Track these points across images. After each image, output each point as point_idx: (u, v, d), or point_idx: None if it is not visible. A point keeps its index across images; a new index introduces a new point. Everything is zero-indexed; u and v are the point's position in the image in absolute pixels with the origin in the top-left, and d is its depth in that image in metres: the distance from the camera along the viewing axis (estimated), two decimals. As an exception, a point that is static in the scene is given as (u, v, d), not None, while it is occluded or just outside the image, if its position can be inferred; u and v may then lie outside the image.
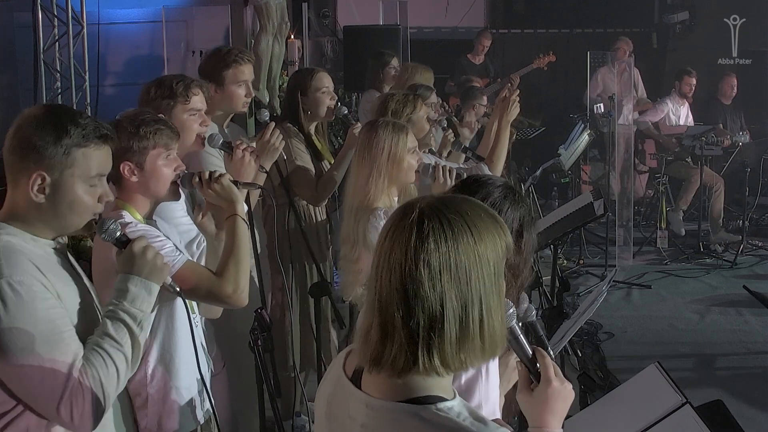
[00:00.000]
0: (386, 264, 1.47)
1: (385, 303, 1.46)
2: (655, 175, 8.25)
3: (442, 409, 1.45)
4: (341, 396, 1.60)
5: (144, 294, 2.02)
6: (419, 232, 1.45)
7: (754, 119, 8.93)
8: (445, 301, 1.43)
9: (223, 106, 3.74)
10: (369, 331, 1.49)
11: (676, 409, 2.22)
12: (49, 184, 1.92)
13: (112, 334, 1.94)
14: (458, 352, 1.44)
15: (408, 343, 1.44)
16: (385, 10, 9.29)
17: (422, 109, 4.00)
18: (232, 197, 2.66)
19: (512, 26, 10.90)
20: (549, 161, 7.06)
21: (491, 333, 1.47)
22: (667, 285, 6.87)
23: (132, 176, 2.52)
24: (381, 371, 1.47)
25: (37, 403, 1.87)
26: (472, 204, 1.52)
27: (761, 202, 8.46)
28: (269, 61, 6.16)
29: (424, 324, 1.43)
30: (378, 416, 1.50)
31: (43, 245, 1.97)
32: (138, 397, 2.56)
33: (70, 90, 7.34)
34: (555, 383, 1.63)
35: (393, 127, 3.26)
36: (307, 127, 4.13)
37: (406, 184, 3.39)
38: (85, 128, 1.94)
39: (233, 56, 3.72)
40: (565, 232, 4.99)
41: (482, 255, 1.46)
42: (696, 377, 5.13)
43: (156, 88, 3.08)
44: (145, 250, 2.06)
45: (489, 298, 1.46)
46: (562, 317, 4.03)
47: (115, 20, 8.30)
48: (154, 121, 2.56)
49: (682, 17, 10.25)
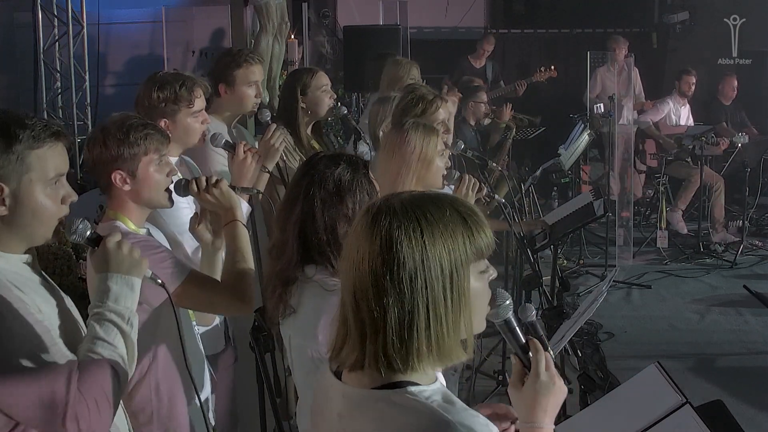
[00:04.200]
0: (345, 258, 1.49)
1: (344, 297, 1.49)
2: (654, 175, 8.25)
3: (412, 392, 1.45)
4: (324, 389, 1.62)
5: (127, 291, 1.92)
6: (369, 231, 1.45)
7: (754, 119, 8.93)
8: (387, 305, 1.42)
9: (233, 107, 3.74)
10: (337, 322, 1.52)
11: (676, 409, 2.22)
12: (8, 195, 1.81)
13: (102, 336, 1.84)
14: (403, 356, 1.43)
15: (359, 339, 1.46)
16: (385, 10, 9.29)
17: (439, 110, 3.94)
18: (231, 203, 2.62)
19: (512, 26, 10.89)
20: (549, 161, 7.05)
21: (440, 341, 1.44)
22: (667, 285, 6.86)
23: (124, 185, 2.45)
24: (341, 362, 1.50)
25: (41, 424, 1.78)
26: (439, 203, 1.47)
27: (761, 202, 8.46)
28: (269, 61, 6.16)
29: (368, 324, 1.44)
30: (351, 404, 1.50)
31: (15, 262, 1.87)
32: (142, 413, 2.51)
33: (70, 90, 7.34)
34: (543, 377, 1.60)
35: (424, 128, 3.22)
36: (303, 128, 4.12)
37: (433, 187, 3.35)
38: (33, 129, 1.81)
39: (244, 56, 3.73)
40: (565, 233, 4.99)
41: (431, 260, 1.42)
42: (696, 377, 5.13)
43: (159, 92, 3.02)
44: (119, 245, 1.95)
45: (438, 305, 1.43)
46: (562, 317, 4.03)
47: (115, 20, 8.30)
48: (143, 126, 2.48)
49: (682, 17, 10.24)
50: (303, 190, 2.22)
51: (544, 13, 10.83)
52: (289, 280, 2.21)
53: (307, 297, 2.20)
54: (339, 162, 2.26)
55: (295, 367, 2.26)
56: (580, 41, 10.33)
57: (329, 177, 2.22)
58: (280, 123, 4.08)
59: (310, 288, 2.20)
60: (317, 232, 2.19)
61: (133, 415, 2.51)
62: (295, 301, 2.21)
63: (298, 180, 2.27)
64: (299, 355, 2.23)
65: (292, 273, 2.21)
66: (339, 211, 2.20)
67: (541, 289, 4.28)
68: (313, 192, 2.20)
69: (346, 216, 2.20)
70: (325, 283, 2.17)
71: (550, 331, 3.63)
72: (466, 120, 6.97)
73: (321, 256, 2.19)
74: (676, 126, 8.48)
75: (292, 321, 2.23)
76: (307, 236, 2.20)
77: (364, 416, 1.47)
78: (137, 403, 2.51)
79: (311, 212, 2.19)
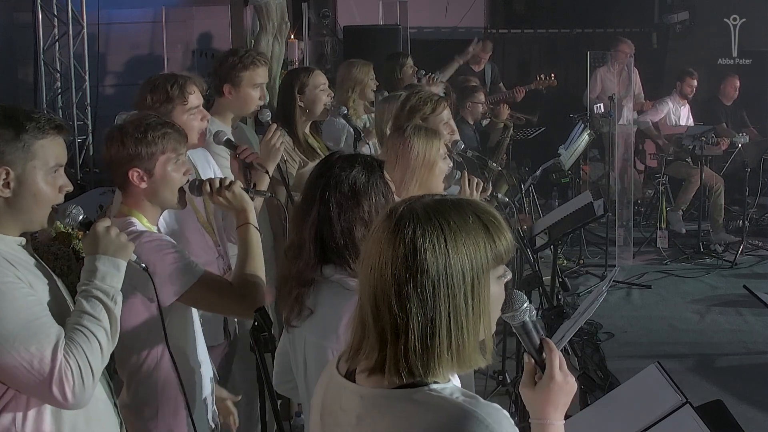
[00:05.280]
0: (365, 262, 1.49)
1: (363, 300, 1.49)
2: (654, 175, 8.25)
3: (435, 389, 1.46)
4: (333, 391, 1.61)
5: (113, 271, 2.06)
6: (392, 237, 1.45)
7: (754, 119, 8.93)
8: (410, 311, 1.42)
9: (235, 108, 3.72)
10: (353, 325, 1.53)
11: (676, 409, 2.22)
12: (13, 179, 2.00)
13: (89, 311, 1.99)
14: (424, 362, 1.44)
15: (378, 343, 1.46)
16: (385, 10, 9.29)
17: (443, 112, 3.95)
18: (244, 205, 2.63)
19: (512, 26, 10.89)
20: (549, 161, 7.06)
21: (460, 348, 1.45)
22: (667, 285, 6.87)
23: (141, 183, 2.48)
24: (359, 364, 1.50)
25: (29, 390, 1.93)
26: (461, 210, 1.48)
27: (761, 202, 8.46)
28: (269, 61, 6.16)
29: (389, 329, 1.44)
30: (371, 404, 1.50)
31: (9, 242, 2.03)
32: (147, 408, 2.53)
33: (70, 90, 7.35)
34: (558, 378, 1.62)
35: (426, 132, 3.22)
36: (301, 128, 4.11)
37: (435, 190, 3.35)
38: (39, 121, 2.02)
39: (251, 58, 3.70)
40: (565, 233, 4.99)
41: (454, 268, 1.43)
42: (696, 377, 5.13)
43: (151, 94, 3.04)
44: (108, 230, 2.09)
45: (459, 312, 1.44)
46: (562, 317, 4.03)
47: (115, 20, 8.29)
48: (161, 125, 2.52)
49: (682, 17, 10.24)
50: (319, 193, 2.20)
51: (544, 13, 10.82)
52: (306, 282, 2.20)
53: (327, 297, 2.19)
54: (354, 164, 2.23)
55: (311, 369, 2.24)
56: (580, 41, 10.34)
57: (344, 180, 2.20)
58: (278, 122, 4.09)
59: (329, 288, 2.19)
60: (334, 236, 2.17)
61: (138, 409, 2.54)
62: (312, 302, 2.20)
63: (313, 181, 2.25)
64: (317, 355, 2.20)
65: (310, 274, 2.20)
66: (355, 215, 2.18)
67: (541, 289, 4.28)
68: (328, 196, 2.18)
69: (363, 219, 2.18)
70: (346, 283, 2.15)
71: (550, 331, 3.64)
72: (464, 120, 6.97)
73: (339, 258, 2.18)
74: (676, 126, 8.48)
75: (309, 322, 2.22)
76: (324, 240, 2.18)
77: (387, 416, 1.47)
78: (142, 397, 2.52)
79: (327, 216, 2.18)
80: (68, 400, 1.91)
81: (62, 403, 1.93)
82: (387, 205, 2.20)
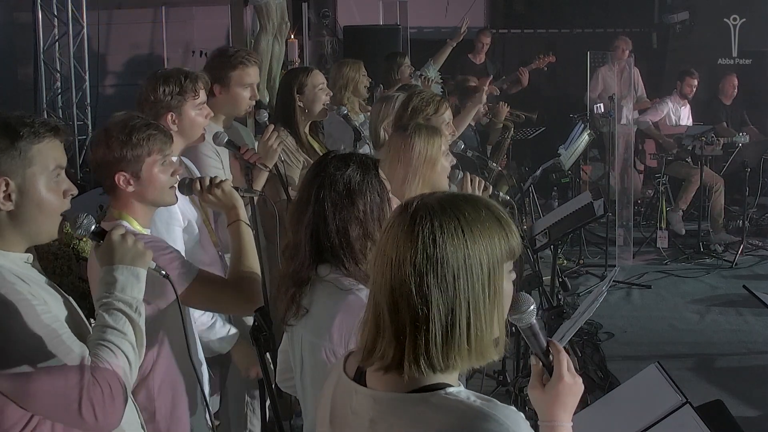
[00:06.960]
0: (381, 259, 1.49)
1: (378, 297, 1.49)
2: (654, 175, 8.25)
3: (450, 392, 1.47)
4: (343, 395, 1.61)
5: (133, 281, 1.96)
6: (410, 231, 1.45)
7: (755, 119, 8.93)
8: (431, 303, 1.43)
9: (226, 109, 3.69)
10: (365, 324, 1.52)
11: (676, 409, 2.22)
12: (14, 189, 1.89)
13: (112, 324, 1.88)
14: (444, 354, 1.45)
15: (395, 340, 1.46)
16: (385, 10, 9.30)
17: (446, 112, 3.95)
18: (234, 202, 2.63)
19: (512, 26, 10.90)
20: (549, 161, 7.06)
21: (479, 339, 1.46)
22: (667, 285, 6.86)
23: (128, 186, 2.44)
24: (373, 364, 1.49)
25: (55, 415, 1.80)
26: (475, 203, 1.50)
27: (761, 202, 8.47)
28: (269, 61, 6.17)
29: (409, 323, 1.45)
30: (386, 409, 1.50)
31: (15, 259, 1.92)
32: (144, 411, 2.48)
33: (70, 90, 7.34)
34: (567, 379, 1.63)
35: (427, 130, 3.22)
36: (302, 127, 4.11)
37: (439, 188, 3.35)
38: (33, 126, 1.91)
39: (240, 58, 3.66)
40: (565, 233, 4.99)
41: (473, 258, 1.44)
42: (696, 377, 5.13)
43: (164, 86, 3.01)
44: (124, 238, 2.00)
45: (478, 303, 1.45)
46: (562, 317, 4.03)
47: (115, 20, 8.29)
48: (145, 126, 2.46)
49: (682, 17, 10.24)
50: (314, 192, 2.20)
51: (544, 13, 10.83)
52: (302, 281, 2.21)
53: (320, 296, 2.19)
54: (349, 163, 2.23)
55: (306, 367, 2.25)
56: (580, 41, 10.33)
57: (339, 179, 2.20)
58: (279, 123, 4.09)
59: (323, 287, 2.19)
60: (329, 235, 2.17)
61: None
62: (307, 301, 2.21)
63: (309, 181, 2.25)
64: (311, 354, 2.22)
65: (305, 274, 2.20)
66: (350, 214, 2.18)
67: (541, 289, 4.28)
68: (323, 195, 2.18)
69: (358, 218, 2.18)
70: (340, 283, 2.16)
71: (550, 331, 3.64)
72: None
73: (334, 258, 2.18)
74: (676, 126, 8.48)
75: (305, 321, 2.23)
76: (319, 239, 2.19)
77: (402, 420, 1.47)
78: (139, 401, 2.51)
79: (322, 215, 2.18)
80: (99, 421, 1.79)
81: (93, 426, 1.79)
82: (382, 203, 2.22)
